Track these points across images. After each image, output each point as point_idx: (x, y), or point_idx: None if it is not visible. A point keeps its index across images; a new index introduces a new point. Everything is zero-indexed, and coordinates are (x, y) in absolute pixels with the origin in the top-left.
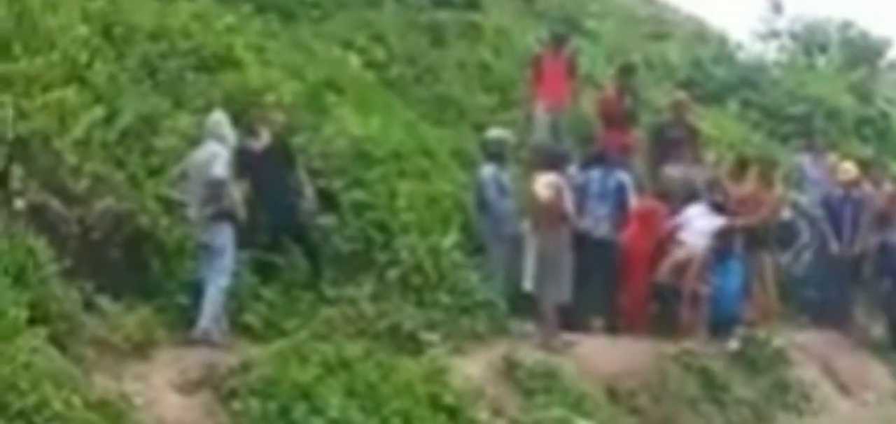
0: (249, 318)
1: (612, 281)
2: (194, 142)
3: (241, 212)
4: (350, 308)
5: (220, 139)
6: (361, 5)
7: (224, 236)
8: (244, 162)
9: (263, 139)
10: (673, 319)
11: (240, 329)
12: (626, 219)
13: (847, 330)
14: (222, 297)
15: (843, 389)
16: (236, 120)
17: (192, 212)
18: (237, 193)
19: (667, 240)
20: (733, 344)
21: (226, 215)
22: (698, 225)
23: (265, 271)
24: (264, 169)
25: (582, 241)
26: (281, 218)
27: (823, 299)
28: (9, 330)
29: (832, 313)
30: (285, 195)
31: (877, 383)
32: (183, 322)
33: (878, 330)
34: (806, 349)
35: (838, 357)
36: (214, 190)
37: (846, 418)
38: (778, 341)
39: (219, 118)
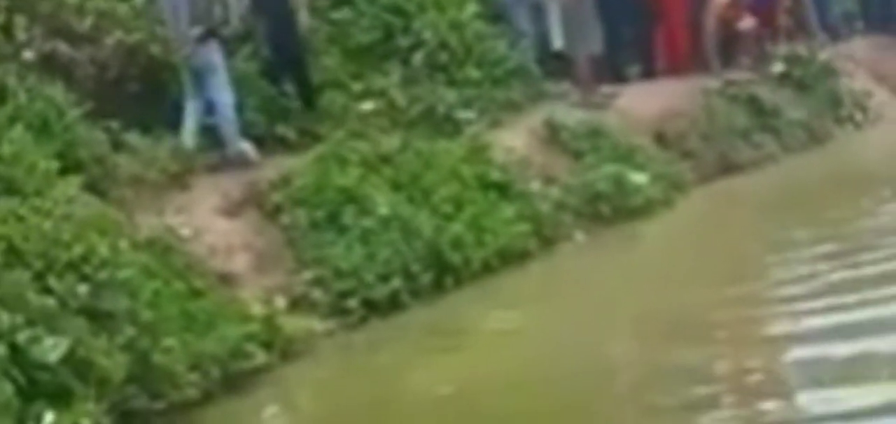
0: (282, 130)
1: (645, 25)
2: None
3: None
4: (380, 99)
5: None
6: None
7: (214, 53)
8: None
9: None
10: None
11: (273, 141)
12: None
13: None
14: (234, 113)
15: None
16: None
17: (176, 30)
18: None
19: None
20: (778, 67)
21: (213, 32)
22: None
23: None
24: None
25: None
26: (279, 32)
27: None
28: (42, 184)
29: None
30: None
31: None
32: (214, 142)
33: None
34: (853, 58)
35: (886, 61)
36: (202, 7)
37: None
38: (823, 55)
39: None
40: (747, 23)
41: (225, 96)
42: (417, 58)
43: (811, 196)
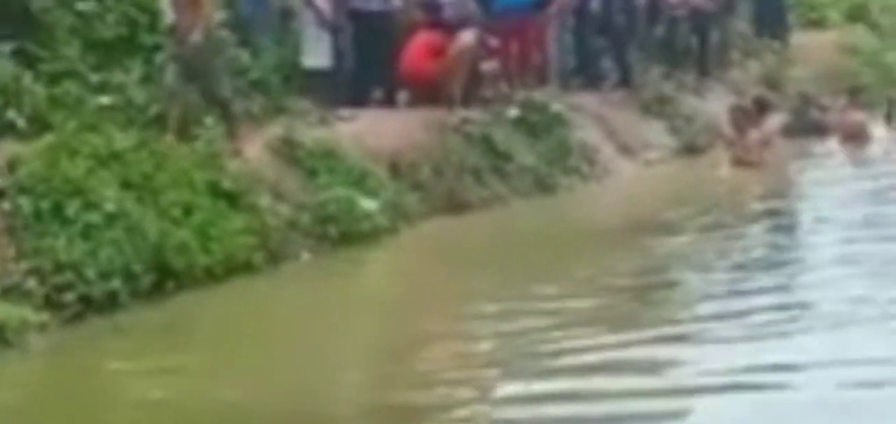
0: (12, 115)
1: (390, 51)
2: None
3: None
4: (118, 96)
5: None
6: None
7: None
8: None
9: None
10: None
11: (3, 126)
12: None
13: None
14: None
15: (625, 150)
16: None
17: None
18: None
19: None
20: (513, 111)
21: None
22: None
23: (28, 63)
24: None
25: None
26: None
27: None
28: None
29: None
30: None
31: (657, 140)
32: None
33: (652, 87)
34: (584, 110)
35: (618, 117)
36: None
37: (629, 178)
38: (556, 105)
39: None
40: (490, 65)
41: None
42: (159, 58)
43: (526, 244)
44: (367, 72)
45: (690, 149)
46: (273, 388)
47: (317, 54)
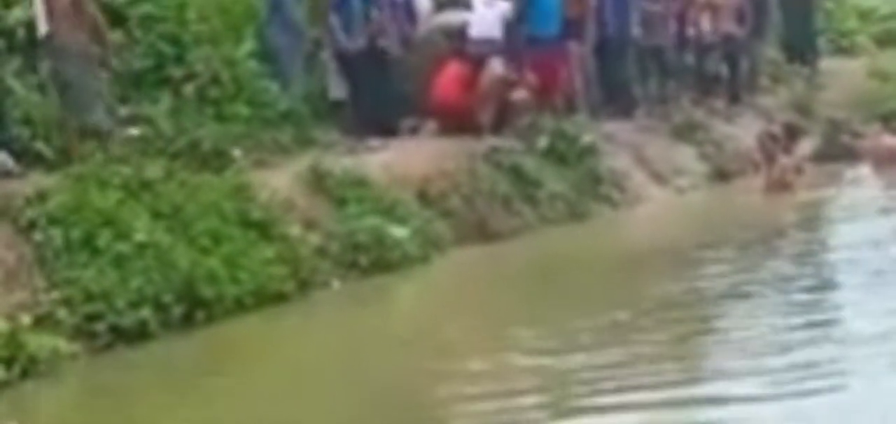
0: (41, 146)
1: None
2: None
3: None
4: (147, 127)
5: None
6: None
7: None
8: None
9: None
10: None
11: (32, 157)
12: None
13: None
14: None
15: (656, 177)
16: None
17: None
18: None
19: None
20: (543, 142)
21: None
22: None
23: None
24: None
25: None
26: None
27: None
28: None
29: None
30: None
31: (688, 167)
32: None
33: (683, 113)
34: (616, 139)
35: (649, 144)
36: None
37: (660, 205)
38: (587, 134)
39: None
40: (520, 94)
41: None
42: (188, 89)
43: (557, 272)
44: (387, 102)
45: (721, 175)
46: (303, 419)
47: (340, 86)
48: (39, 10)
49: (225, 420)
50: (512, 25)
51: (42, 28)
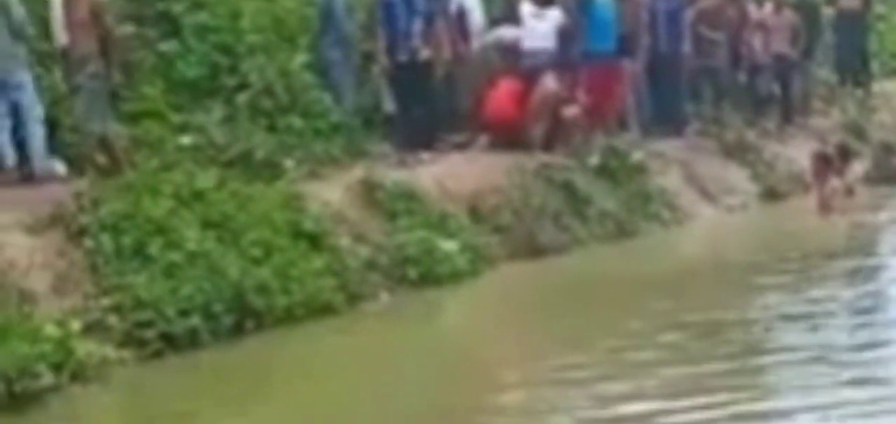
0: (96, 153)
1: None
2: None
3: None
4: (200, 136)
5: None
6: None
7: (22, 67)
8: None
9: None
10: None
11: (86, 163)
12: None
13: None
14: (42, 128)
15: (706, 195)
16: None
17: None
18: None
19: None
20: (594, 159)
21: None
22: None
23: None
24: None
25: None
26: None
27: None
28: None
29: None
30: None
31: (739, 186)
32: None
33: (735, 133)
34: (666, 157)
35: (699, 163)
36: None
37: (710, 224)
38: (638, 152)
39: None
40: (573, 110)
41: (38, 109)
42: (241, 99)
43: (606, 290)
44: (436, 116)
45: (772, 196)
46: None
47: (392, 99)
48: (58, 21)
49: None
50: (567, 39)
51: (61, 39)
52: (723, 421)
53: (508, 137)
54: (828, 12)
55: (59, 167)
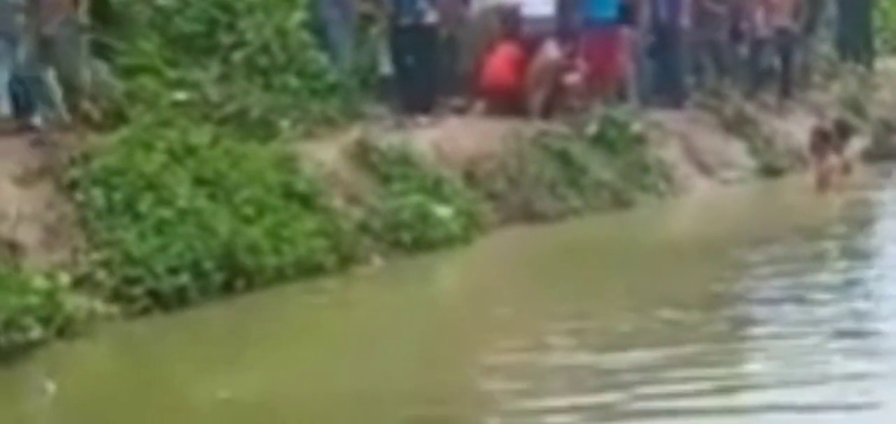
0: (88, 105)
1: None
2: None
3: None
4: (194, 92)
5: None
6: None
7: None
8: None
9: None
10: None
11: (78, 117)
12: None
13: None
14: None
15: (704, 168)
16: None
17: None
18: None
19: None
20: (592, 128)
21: None
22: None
23: (105, 56)
24: None
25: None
26: None
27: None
28: None
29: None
30: None
31: (737, 160)
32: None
33: (734, 106)
34: (665, 129)
35: (698, 135)
36: None
37: (706, 197)
38: (636, 122)
39: None
40: (573, 77)
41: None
42: (237, 57)
43: (599, 260)
44: (435, 80)
45: (770, 171)
46: (334, 391)
47: (389, 62)
48: None
49: (255, 390)
50: (567, 5)
51: None
52: (710, 394)
53: (506, 103)
54: None
55: (61, 120)
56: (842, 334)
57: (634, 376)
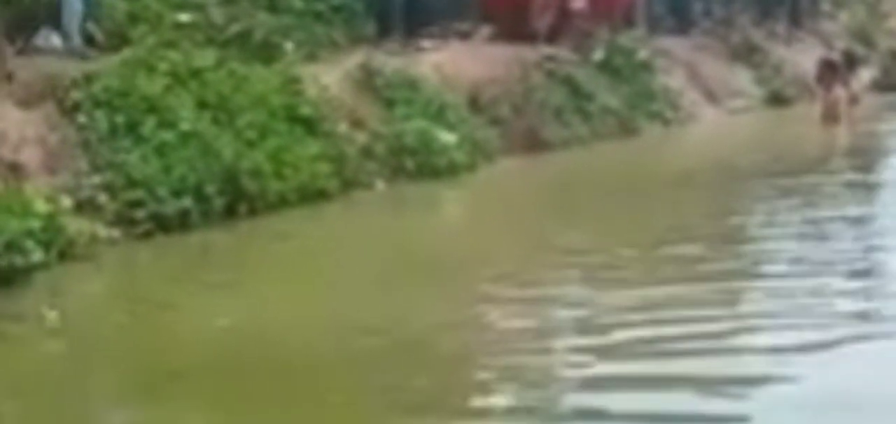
0: (91, 27)
1: None
2: None
3: None
4: (198, 14)
5: None
6: None
7: None
8: None
9: None
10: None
11: (82, 39)
12: None
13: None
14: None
15: (710, 97)
16: None
17: None
18: None
19: None
20: (599, 54)
21: None
22: None
23: None
24: None
25: None
26: None
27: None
28: None
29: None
30: None
31: (744, 89)
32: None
33: (741, 34)
34: (672, 56)
35: (705, 63)
36: None
37: (713, 126)
38: (643, 49)
39: None
40: (579, 2)
41: None
42: None
43: (603, 188)
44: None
45: (777, 100)
46: (332, 321)
47: None
48: None
49: (255, 318)
50: None
51: None
52: (715, 335)
53: (512, 28)
54: None
55: (57, 40)
56: (854, 274)
57: (631, 316)
